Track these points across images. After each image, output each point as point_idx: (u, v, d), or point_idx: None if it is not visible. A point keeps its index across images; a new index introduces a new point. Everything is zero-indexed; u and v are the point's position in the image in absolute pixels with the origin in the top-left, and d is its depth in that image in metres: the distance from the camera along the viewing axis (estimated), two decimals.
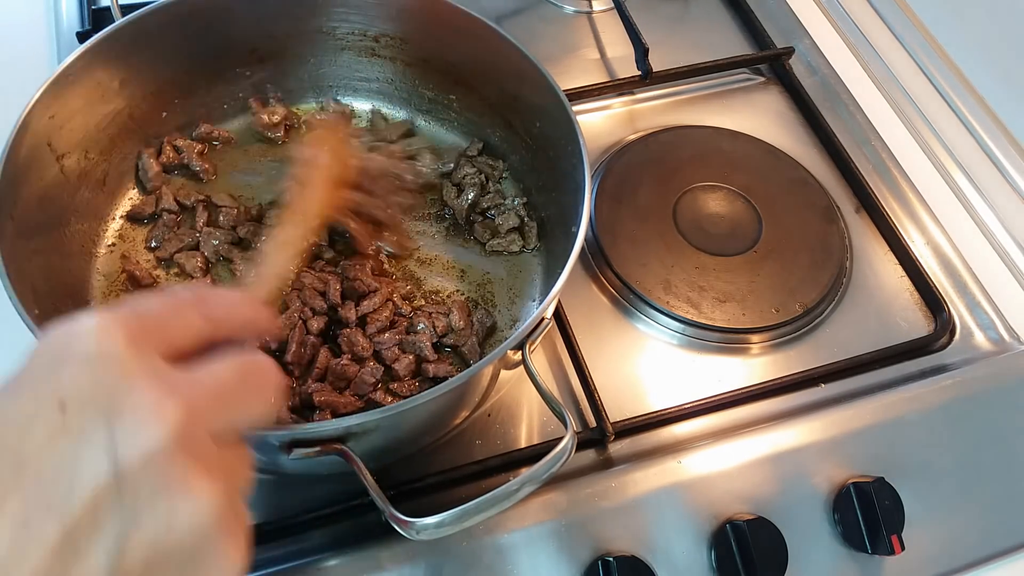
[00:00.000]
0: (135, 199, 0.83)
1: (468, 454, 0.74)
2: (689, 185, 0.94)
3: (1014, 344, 0.86)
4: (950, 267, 0.92)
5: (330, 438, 0.57)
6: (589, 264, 0.88)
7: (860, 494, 0.72)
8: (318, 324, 0.75)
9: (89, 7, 1.01)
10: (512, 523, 0.69)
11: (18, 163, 0.66)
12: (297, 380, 0.73)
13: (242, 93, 0.89)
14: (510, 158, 0.88)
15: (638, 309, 0.85)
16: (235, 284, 0.78)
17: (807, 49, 1.11)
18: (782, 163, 0.97)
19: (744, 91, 1.07)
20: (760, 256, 0.89)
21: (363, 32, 0.87)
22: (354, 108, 0.92)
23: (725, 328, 0.83)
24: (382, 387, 0.73)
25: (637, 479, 0.72)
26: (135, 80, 0.80)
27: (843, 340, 0.85)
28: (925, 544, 0.73)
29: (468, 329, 0.76)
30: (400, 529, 0.55)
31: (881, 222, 0.94)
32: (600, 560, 0.67)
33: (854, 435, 0.77)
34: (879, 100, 1.08)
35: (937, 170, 1.02)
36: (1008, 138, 1.02)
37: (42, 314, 0.61)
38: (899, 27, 1.15)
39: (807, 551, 0.71)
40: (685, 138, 0.99)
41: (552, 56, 1.06)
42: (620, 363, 0.81)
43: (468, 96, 0.88)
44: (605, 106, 1.03)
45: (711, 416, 0.79)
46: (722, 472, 0.73)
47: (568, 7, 1.13)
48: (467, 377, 0.60)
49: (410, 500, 0.71)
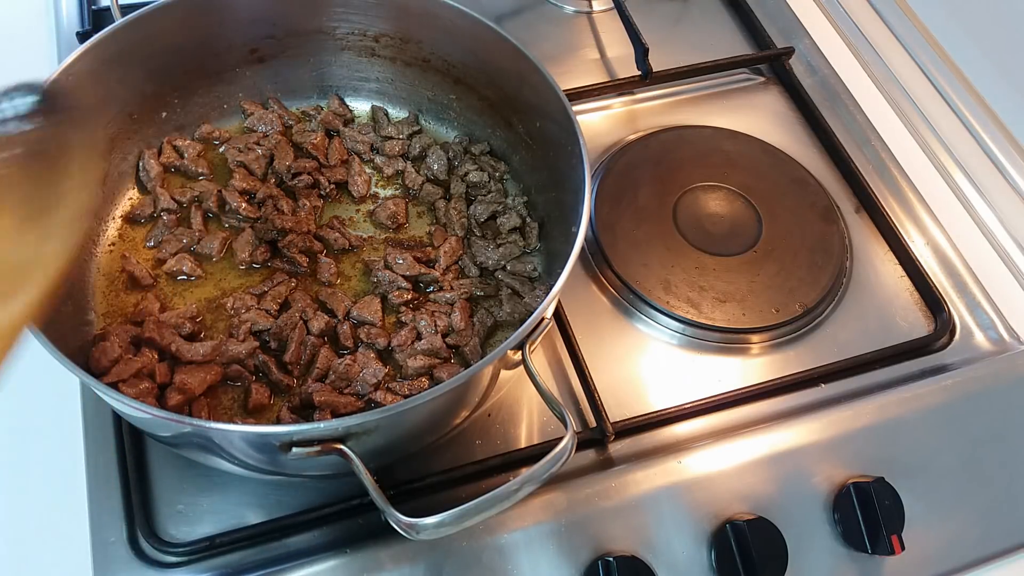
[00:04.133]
0: (134, 199, 0.83)
1: (468, 454, 0.74)
2: (689, 185, 0.94)
3: (1014, 344, 0.86)
4: (950, 267, 0.92)
5: (330, 438, 0.57)
6: (589, 264, 0.88)
7: (860, 494, 0.72)
8: (319, 324, 0.75)
9: (89, 7, 1.01)
10: (512, 523, 0.69)
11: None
12: (297, 380, 0.73)
13: (242, 93, 0.89)
14: (511, 158, 0.88)
15: (638, 309, 0.85)
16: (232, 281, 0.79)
17: (807, 49, 1.11)
18: (782, 163, 0.97)
19: (744, 91, 1.07)
20: (760, 256, 0.89)
21: (363, 32, 0.87)
22: (354, 108, 0.93)
23: (725, 328, 0.83)
24: (383, 387, 0.73)
25: (637, 479, 0.72)
26: (135, 80, 0.80)
27: (843, 340, 0.85)
28: (925, 544, 0.73)
29: (469, 329, 0.77)
30: (400, 529, 0.55)
31: (881, 222, 0.94)
32: (600, 560, 0.67)
33: (854, 435, 0.77)
34: (879, 100, 1.08)
35: (937, 170, 1.02)
36: (1008, 138, 1.02)
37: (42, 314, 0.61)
38: (899, 27, 1.15)
39: (807, 551, 0.71)
40: (685, 138, 0.99)
41: (552, 56, 1.06)
42: (620, 363, 0.81)
43: (468, 96, 0.88)
44: (605, 106, 1.03)
45: (711, 416, 0.79)
46: (722, 472, 0.73)
47: (568, 7, 1.13)
48: (467, 377, 0.60)
49: (410, 500, 0.71)
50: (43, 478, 0.72)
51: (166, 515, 0.69)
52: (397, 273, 0.79)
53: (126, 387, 0.66)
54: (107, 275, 0.78)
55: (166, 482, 0.70)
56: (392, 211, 0.84)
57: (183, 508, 0.69)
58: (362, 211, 0.86)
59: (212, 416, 0.70)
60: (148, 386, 0.68)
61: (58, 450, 0.73)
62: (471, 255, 0.82)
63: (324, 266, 0.80)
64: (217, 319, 0.76)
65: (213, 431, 0.59)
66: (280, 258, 0.80)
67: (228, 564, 0.67)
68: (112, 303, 0.76)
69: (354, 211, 0.86)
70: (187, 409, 0.69)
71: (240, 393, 0.72)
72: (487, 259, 0.82)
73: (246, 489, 0.70)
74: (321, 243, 0.82)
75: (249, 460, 0.63)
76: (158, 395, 0.69)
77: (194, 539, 0.67)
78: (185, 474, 0.71)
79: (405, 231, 0.85)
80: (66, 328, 0.69)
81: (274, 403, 0.72)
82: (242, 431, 0.59)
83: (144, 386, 0.67)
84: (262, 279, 0.79)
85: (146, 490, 0.70)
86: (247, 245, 0.80)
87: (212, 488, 0.70)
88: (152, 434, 0.70)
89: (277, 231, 0.80)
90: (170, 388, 0.69)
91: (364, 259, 0.82)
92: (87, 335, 0.72)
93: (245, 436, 0.59)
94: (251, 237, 0.81)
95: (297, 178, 0.85)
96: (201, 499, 0.70)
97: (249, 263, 0.80)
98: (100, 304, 0.76)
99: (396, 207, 0.84)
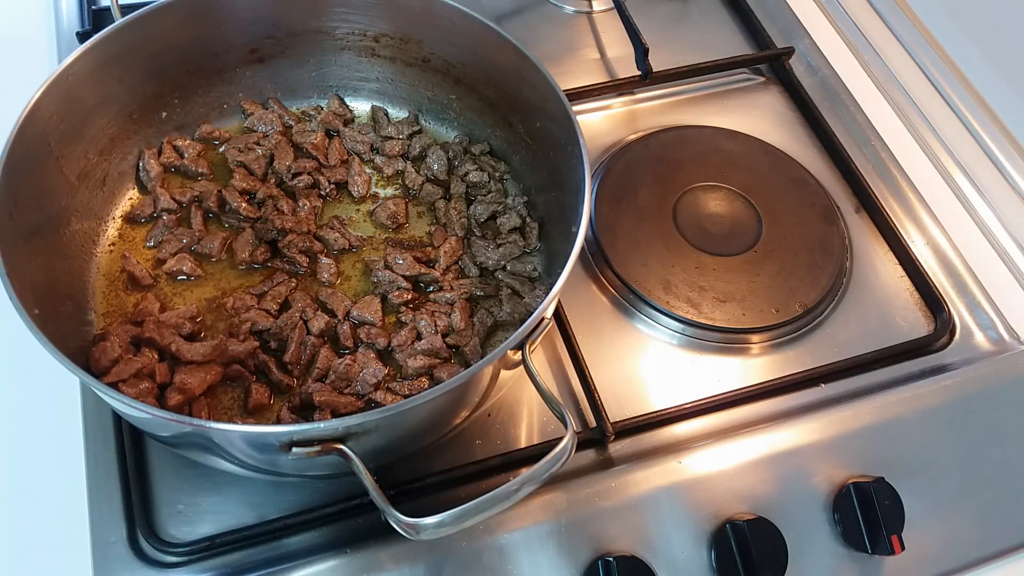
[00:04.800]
0: (134, 199, 0.83)
1: (468, 454, 0.74)
2: (689, 185, 0.94)
3: (1014, 344, 0.86)
4: (950, 267, 0.92)
5: (330, 438, 0.57)
6: (589, 264, 0.88)
7: (860, 494, 0.72)
8: (319, 324, 0.75)
9: (89, 7, 1.01)
10: (512, 523, 0.69)
11: (18, 163, 0.66)
12: (297, 380, 0.73)
13: (242, 93, 0.89)
14: (511, 158, 0.88)
15: (638, 309, 0.85)
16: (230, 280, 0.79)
17: (807, 49, 1.11)
18: (782, 163, 0.97)
19: (744, 91, 1.07)
20: (760, 256, 0.89)
21: (363, 32, 0.87)
22: (354, 108, 0.93)
23: (725, 328, 0.83)
24: (383, 387, 0.73)
25: (637, 479, 0.72)
26: (135, 80, 0.80)
27: (843, 340, 0.85)
28: (925, 544, 0.73)
29: (469, 329, 0.77)
30: (400, 529, 0.55)
31: (881, 222, 0.94)
32: (600, 560, 0.67)
33: (854, 435, 0.77)
34: (879, 100, 1.08)
35: (937, 170, 1.02)
36: (1008, 138, 1.02)
37: (42, 314, 0.61)
38: (899, 27, 1.14)
39: (807, 551, 0.71)
40: (685, 138, 0.99)
41: (552, 56, 1.06)
42: (620, 363, 0.81)
43: (468, 96, 0.88)
44: (605, 106, 1.03)
45: (711, 416, 0.79)
46: (722, 472, 0.73)
47: (568, 7, 1.13)
48: (467, 377, 0.60)
49: (410, 500, 0.71)
50: (43, 478, 0.72)
51: (166, 515, 0.69)
52: (397, 273, 0.79)
53: (126, 387, 0.66)
54: (107, 275, 0.78)
55: (166, 482, 0.70)
56: (392, 211, 0.84)
57: (183, 508, 0.69)
58: (362, 211, 0.86)
59: (212, 416, 0.70)
60: (148, 386, 0.68)
61: (58, 450, 0.73)
62: (471, 255, 0.82)
63: (324, 266, 0.80)
64: (217, 319, 0.76)
65: (213, 431, 0.59)
66: (280, 258, 0.80)
67: (228, 564, 0.67)
68: (112, 303, 0.76)
69: (354, 211, 0.86)
70: (187, 409, 0.69)
71: (240, 393, 0.72)
72: (487, 259, 0.82)
73: (246, 489, 0.70)
74: (321, 243, 0.82)
75: (249, 460, 0.63)
76: (158, 395, 0.69)
77: (194, 539, 0.67)
78: (185, 474, 0.71)
79: (405, 231, 0.85)
80: (66, 328, 0.69)
81: (274, 403, 0.72)
82: (242, 431, 0.59)
83: (144, 386, 0.67)
84: (262, 279, 0.79)
85: (146, 490, 0.70)
86: (247, 245, 0.80)
87: (212, 488, 0.70)
88: (152, 434, 0.70)
89: (277, 231, 0.80)
90: (170, 388, 0.69)
91: (364, 259, 0.82)
92: (87, 335, 0.72)
93: (245, 436, 0.59)
94: (251, 237, 0.81)
95: (297, 178, 0.85)
96: (201, 499, 0.70)
97: (249, 263, 0.80)
98: (100, 304, 0.76)
99: (396, 207, 0.85)
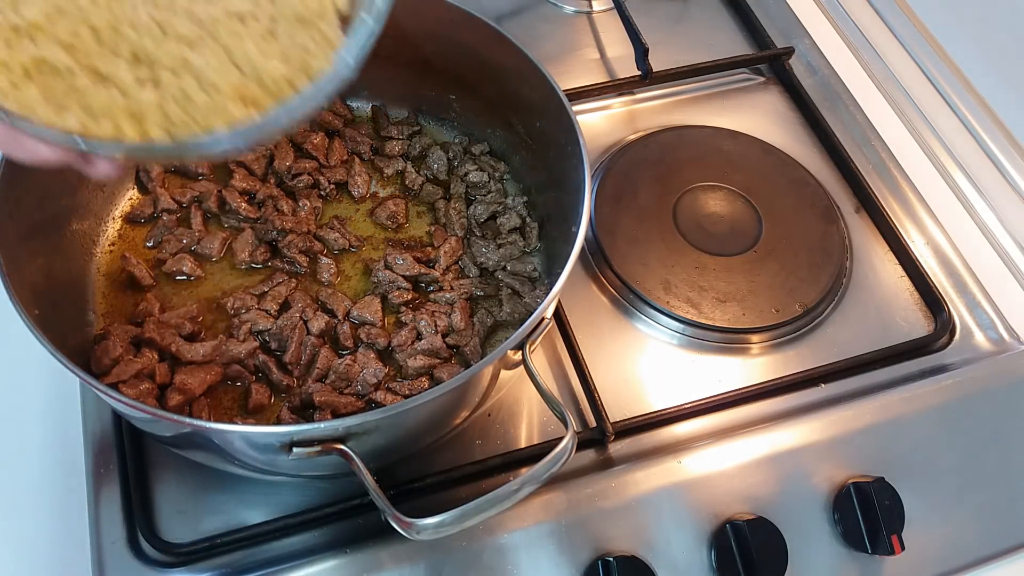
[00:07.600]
0: (134, 199, 0.83)
1: (468, 454, 0.74)
2: (689, 185, 0.94)
3: (1014, 344, 0.86)
4: (950, 267, 0.92)
5: (330, 438, 0.57)
6: (589, 264, 0.88)
7: (860, 494, 0.72)
8: (319, 324, 0.75)
9: None
10: (512, 523, 0.69)
11: (18, 163, 0.66)
12: (297, 380, 0.73)
13: None
14: (511, 158, 0.88)
15: (638, 309, 0.85)
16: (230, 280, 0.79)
17: (807, 49, 1.11)
18: (782, 163, 0.97)
19: (744, 91, 1.07)
20: (760, 256, 0.89)
21: None
22: (354, 108, 0.93)
23: (725, 328, 0.83)
24: (383, 387, 0.73)
25: (637, 479, 0.72)
26: None
27: (843, 340, 0.85)
28: (925, 544, 0.73)
29: (469, 329, 0.77)
30: (400, 529, 0.55)
31: (881, 222, 0.94)
32: (600, 560, 0.67)
33: (854, 435, 0.77)
34: (879, 100, 1.08)
35: (937, 170, 1.02)
36: (1008, 138, 1.02)
37: (42, 314, 0.61)
38: (899, 27, 1.14)
39: (807, 551, 0.71)
40: (685, 138, 0.99)
41: (552, 56, 1.06)
42: (620, 363, 0.81)
43: (468, 96, 0.88)
44: (605, 106, 1.03)
45: (711, 416, 0.79)
46: (722, 472, 0.73)
47: (568, 7, 1.13)
48: (467, 377, 0.60)
49: (410, 500, 0.71)
50: (43, 478, 0.72)
51: (166, 515, 0.69)
52: (397, 273, 0.79)
53: (126, 387, 0.67)
54: (107, 275, 0.78)
55: (166, 482, 0.70)
56: (392, 211, 0.84)
57: (183, 508, 0.69)
58: (362, 211, 0.86)
59: (212, 416, 0.70)
60: (148, 386, 0.68)
61: (58, 450, 0.73)
62: (471, 255, 0.82)
63: (324, 266, 0.80)
64: (217, 319, 0.76)
65: (213, 431, 0.59)
66: (280, 258, 0.80)
67: (228, 564, 0.67)
68: (112, 303, 0.76)
69: (354, 211, 0.86)
70: (187, 409, 0.69)
71: (240, 393, 0.72)
72: (487, 259, 0.82)
73: (246, 489, 0.70)
74: (321, 243, 0.82)
75: (249, 460, 0.63)
76: (158, 395, 0.69)
77: (194, 539, 0.67)
78: (185, 474, 0.71)
79: (405, 231, 0.85)
80: (66, 328, 0.69)
81: (274, 403, 0.72)
82: (242, 431, 0.59)
83: (144, 386, 0.67)
84: (262, 279, 0.79)
85: (146, 490, 0.70)
86: (247, 245, 0.80)
87: (212, 488, 0.70)
88: (152, 434, 0.70)
89: (277, 231, 0.80)
90: (170, 388, 0.69)
91: (364, 259, 0.82)
92: (87, 335, 0.72)
93: (245, 436, 0.59)
94: (251, 237, 0.81)
95: (297, 178, 0.85)
96: (201, 499, 0.70)
97: (249, 263, 0.80)
98: (100, 304, 0.76)
99: (396, 207, 0.85)
